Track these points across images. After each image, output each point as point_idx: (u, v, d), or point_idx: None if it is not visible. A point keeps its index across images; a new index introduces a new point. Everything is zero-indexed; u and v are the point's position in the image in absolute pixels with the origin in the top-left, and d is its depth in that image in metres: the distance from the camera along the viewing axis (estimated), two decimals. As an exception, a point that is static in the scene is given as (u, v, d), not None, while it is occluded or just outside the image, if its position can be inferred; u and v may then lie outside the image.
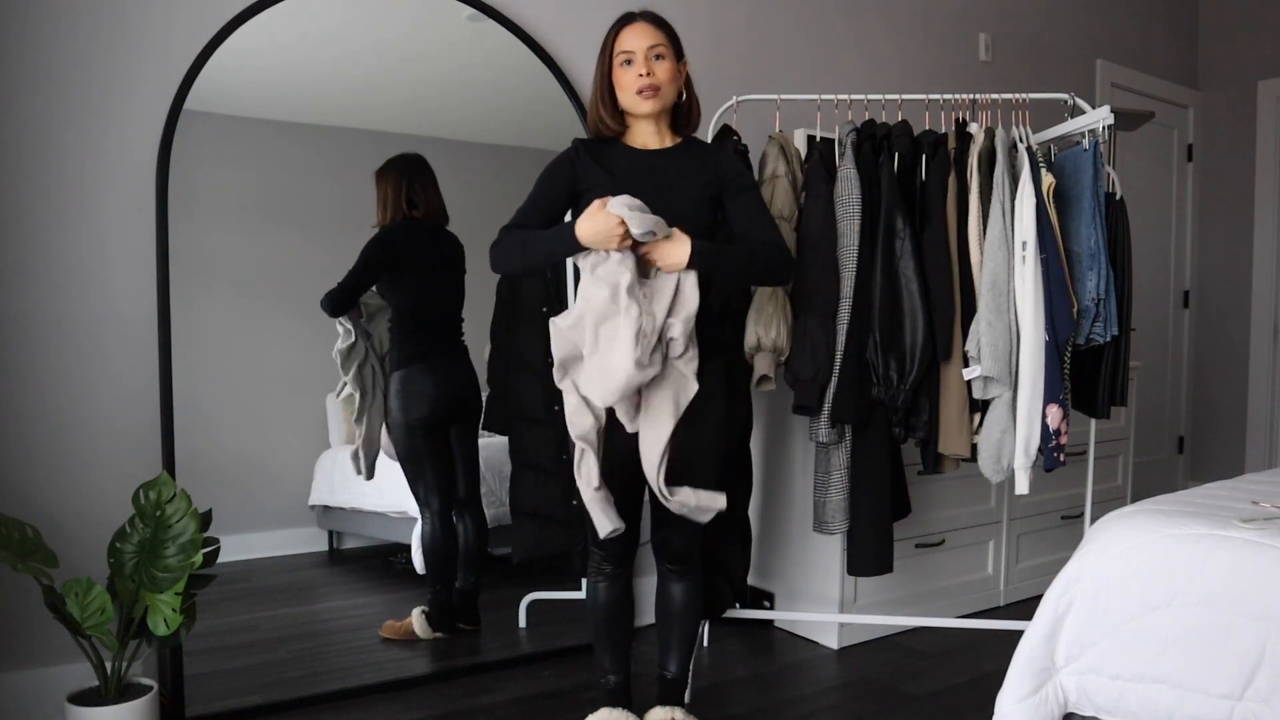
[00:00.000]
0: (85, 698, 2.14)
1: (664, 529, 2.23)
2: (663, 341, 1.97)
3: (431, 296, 2.85)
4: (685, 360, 2.00)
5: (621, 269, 1.94)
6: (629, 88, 2.11)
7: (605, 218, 1.92)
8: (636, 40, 2.10)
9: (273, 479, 2.65)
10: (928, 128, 2.68)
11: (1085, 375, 2.72)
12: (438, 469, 2.84)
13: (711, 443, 2.18)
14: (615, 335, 1.93)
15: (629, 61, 2.11)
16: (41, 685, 2.33)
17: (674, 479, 2.13)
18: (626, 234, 1.92)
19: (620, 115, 2.17)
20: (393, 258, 2.75)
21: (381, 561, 2.88)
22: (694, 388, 2.01)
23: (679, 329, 1.97)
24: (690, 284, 1.98)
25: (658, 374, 1.98)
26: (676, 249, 1.96)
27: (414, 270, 2.80)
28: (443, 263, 2.85)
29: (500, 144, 2.94)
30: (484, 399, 2.91)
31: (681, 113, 2.21)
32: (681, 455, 2.07)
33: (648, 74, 2.09)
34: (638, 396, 2.02)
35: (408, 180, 2.75)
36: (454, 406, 2.86)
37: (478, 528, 2.91)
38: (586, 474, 2.01)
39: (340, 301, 2.69)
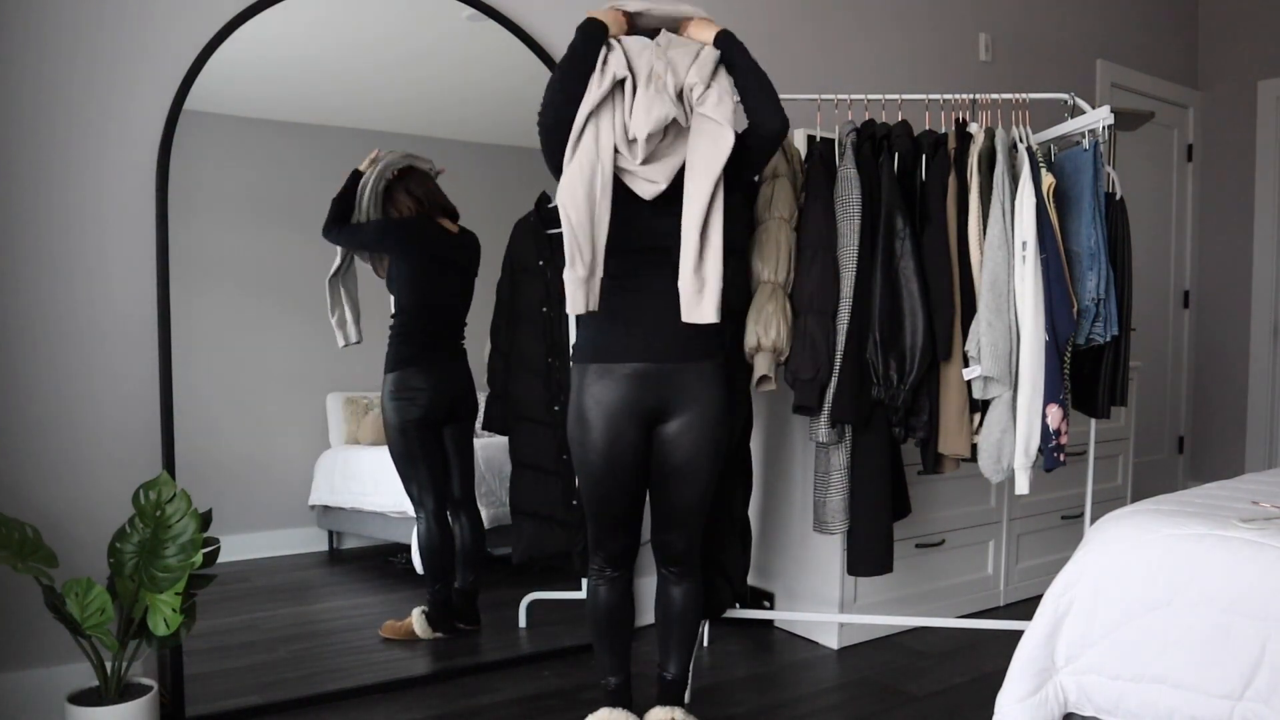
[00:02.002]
0: (85, 698, 2.14)
1: (664, 531, 2.23)
2: (686, 95, 2.09)
3: (436, 299, 2.85)
4: (713, 106, 2.07)
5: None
6: None
7: (610, 12, 2.16)
8: None
9: (273, 479, 2.65)
10: (928, 128, 2.68)
11: (1085, 375, 2.71)
12: (432, 469, 2.84)
13: (711, 442, 2.18)
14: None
15: None
16: (41, 685, 2.33)
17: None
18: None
19: None
20: (400, 241, 2.76)
21: (381, 561, 2.88)
22: (730, 137, 2.05)
23: (695, 76, 2.09)
24: (708, 53, 2.15)
25: (691, 128, 2.09)
26: (705, 28, 2.19)
27: (421, 266, 2.80)
28: (454, 265, 2.86)
29: (500, 144, 2.94)
30: (480, 399, 2.91)
31: None
32: (682, 454, 2.08)
33: None
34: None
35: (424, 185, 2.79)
36: (449, 407, 2.86)
37: (474, 527, 2.91)
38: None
39: (335, 215, 2.68)
